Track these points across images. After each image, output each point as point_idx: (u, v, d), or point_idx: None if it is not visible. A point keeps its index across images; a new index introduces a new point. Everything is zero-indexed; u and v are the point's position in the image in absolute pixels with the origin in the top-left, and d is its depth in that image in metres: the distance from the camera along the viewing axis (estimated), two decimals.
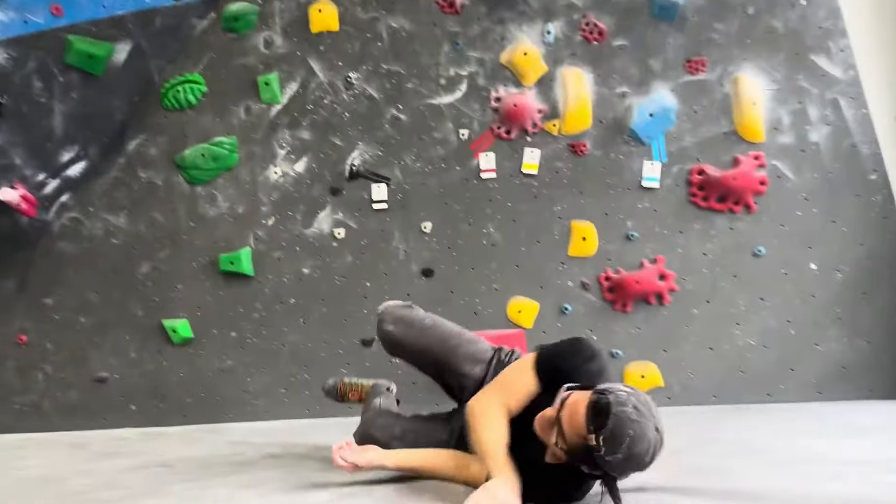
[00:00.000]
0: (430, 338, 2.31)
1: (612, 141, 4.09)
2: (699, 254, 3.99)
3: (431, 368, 2.33)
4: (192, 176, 4.31)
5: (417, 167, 4.20)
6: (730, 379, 3.92)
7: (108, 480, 2.43)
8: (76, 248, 4.32)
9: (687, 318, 3.97)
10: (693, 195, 4.00)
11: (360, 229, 4.21)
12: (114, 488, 2.27)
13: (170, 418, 4.21)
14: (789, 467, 2.09)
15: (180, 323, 4.25)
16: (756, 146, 3.98)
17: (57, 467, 2.81)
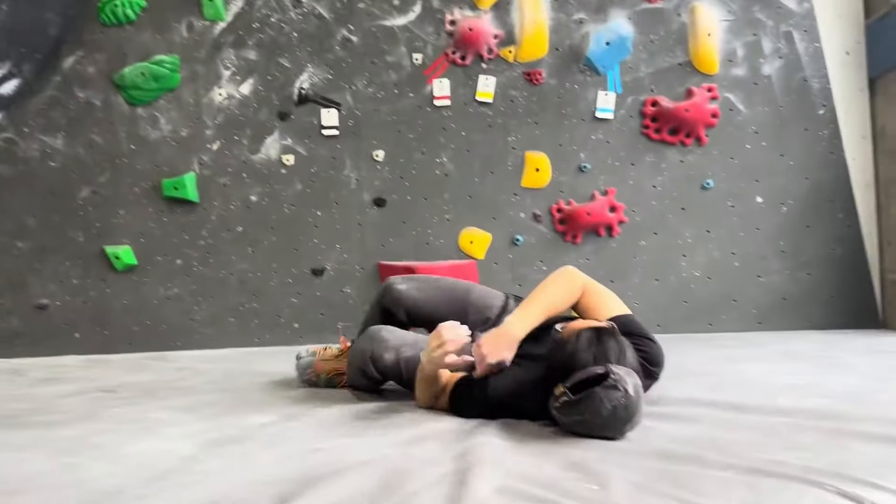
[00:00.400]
0: (442, 288, 2.28)
1: (568, 70, 4.03)
2: (649, 186, 4.01)
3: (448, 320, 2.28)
4: (132, 96, 4.13)
5: (369, 92, 4.09)
6: (674, 309, 4.00)
7: (45, 405, 2.38)
8: (11, 170, 4.14)
9: (635, 250, 4.02)
10: (646, 127, 3.99)
11: (310, 156, 4.11)
12: (50, 413, 2.23)
13: (115, 346, 4.14)
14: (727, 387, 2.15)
15: (123, 249, 4.14)
16: (709, 78, 3.96)
17: None
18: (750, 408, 1.78)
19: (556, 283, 1.95)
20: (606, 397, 1.52)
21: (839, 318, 3.91)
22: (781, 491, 1.18)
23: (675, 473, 1.28)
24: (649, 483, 1.24)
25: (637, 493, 1.20)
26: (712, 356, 3.01)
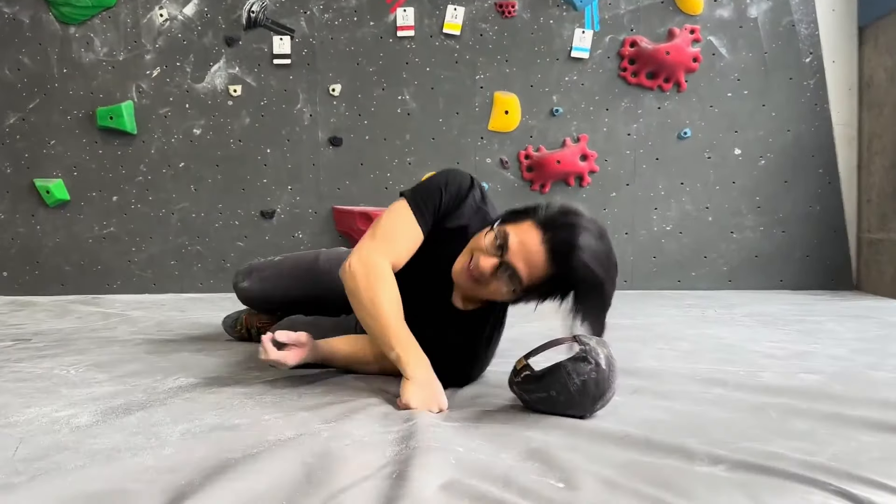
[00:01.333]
0: (285, 269, 2.06)
1: (543, 3, 3.73)
2: (624, 134, 3.78)
3: (309, 300, 2.03)
4: (63, 14, 3.73)
5: (326, 19, 3.75)
6: (643, 264, 3.82)
7: None
8: None
9: (605, 201, 3.81)
10: (623, 69, 3.73)
11: (260, 87, 3.78)
12: None
13: (46, 287, 3.84)
14: (698, 354, 1.97)
15: (54, 183, 3.81)
16: (693, 19, 3.71)
17: None
18: (733, 384, 1.59)
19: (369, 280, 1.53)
20: (575, 371, 1.31)
21: (812, 279, 3.77)
22: (782, 494, 0.98)
23: (654, 468, 1.08)
24: (624, 480, 1.03)
25: (609, 492, 0.99)
26: (684, 317, 2.84)
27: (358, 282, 1.50)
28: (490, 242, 1.43)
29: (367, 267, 1.51)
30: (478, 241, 1.47)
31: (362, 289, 1.49)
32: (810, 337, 2.30)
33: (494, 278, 1.43)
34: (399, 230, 1.55)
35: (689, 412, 1.38)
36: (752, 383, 1.59)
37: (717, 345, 2.16)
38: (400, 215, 1.57)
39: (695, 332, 2.41)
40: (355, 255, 1.53)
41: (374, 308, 1.48)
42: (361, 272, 1.51)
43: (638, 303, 3.31)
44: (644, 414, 1.37)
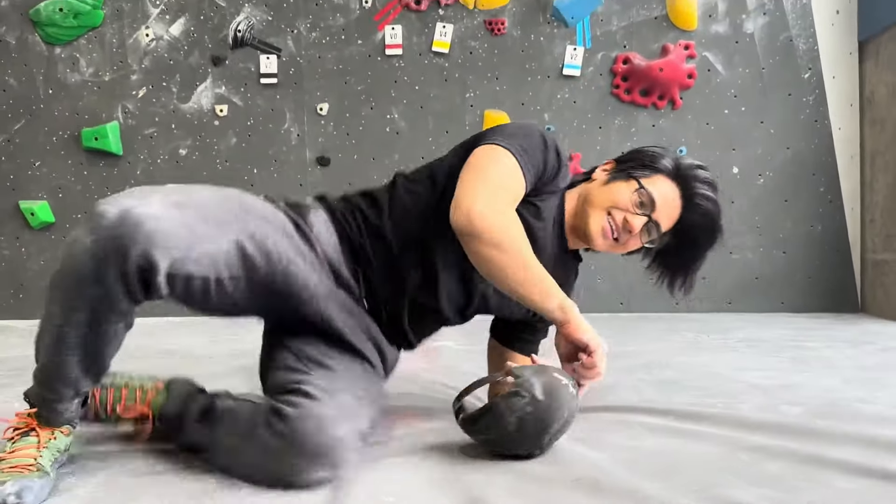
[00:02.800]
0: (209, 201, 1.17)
1: (533, 20, 3.66)
2: (617, 152, 3.64)
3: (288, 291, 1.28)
4: (49, 34, 3.70)
5: (313, 38, 3.70)
6: (639, 287, 3.70)
7: None
8: None
9: None
10: (616, 86, 3.64)
11: (246, 107, 3.72)
12: None
13: (30, 311, 3.77)
14: (678, 386, 1.85)
15: (39, 205, 3.75)
16: (687, 34, 3.62)
17: None
18: (708, 417, 1.47)
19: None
20: (508, 408, 1.18)
21: (815, 301, 3.64)
22: None
23: None
24: None
25: None
26: (675, 343, 2.72)
27: (498, 231, 1.21)
28: (634, 201, 1.38)
29: (502, 214, 1.24)
30: (614, 198, 1.39)
31: (507, 238, 1.22)
32: (803, 365, 2.17)
33: (635, 233, 1.39)
34: (510, 182, 1.29)
35: (655, 451, 1.27)
36: (729, 418, 1.47)
37: (703, 373, 2.04)
38: (507, 166, 1.29)
39: (682, 360, 2.30)
40: (477, 199, 1.22)
41: (524, 258, 1.23)
42: (498, 219, 1.22)
43: (632, 327, 3.19)
44: (604, 454, 1.26)
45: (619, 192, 1.39)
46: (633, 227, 1.37)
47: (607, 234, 1.38)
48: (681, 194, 1.40)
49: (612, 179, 1.42)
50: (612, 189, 1.40)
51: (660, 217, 1.39)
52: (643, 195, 1.38)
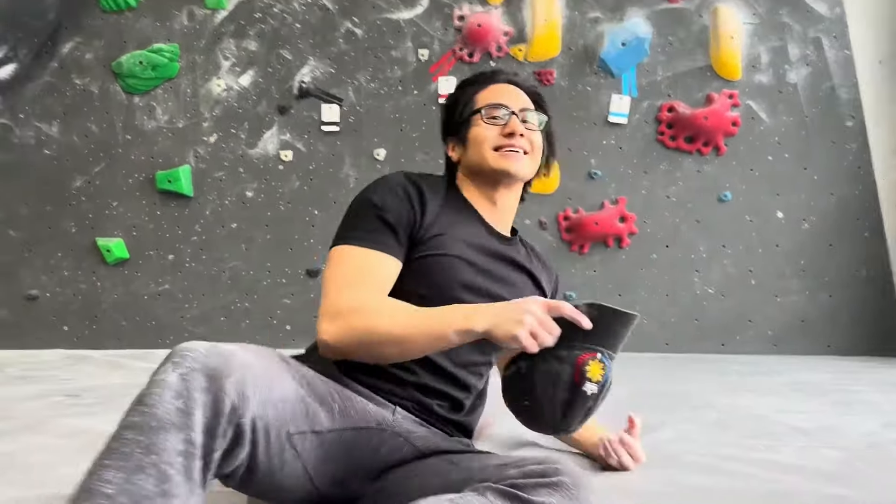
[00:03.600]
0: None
1: (581, 71, 3.83)
2: (663, 196, 3.80)
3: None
4: (129, 85, 4.00)
5: (372, 88, 3.92)
6: (684, 327, 3.79)
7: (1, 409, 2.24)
8: (5, 156, 4.04)
9: (645, 263, 3.81)
10: (661, 133, 3.78)
11: (309, 152, 3.95)
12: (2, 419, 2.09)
13: (102, 341, 4.02)
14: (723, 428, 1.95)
15: (115, 242, 4.02)
16: (731, 84, 3.74)
17: None
18: (745, 461, 1.58)
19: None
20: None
21: (861, 344, 3.67)
22: None
23: None
24: None
25: None
26: (719, 384, 2.80)
27: (349, 340, 1.13)
28: (491, 121, 1.34)
29: (345, 320, 1.13)
30: (481, 139, 1.33)
31: (361, 336, 1.12)
32: (846, 408, 2.25)
33: (529, 131, 1.34)
34: (358, 274, 1.20)
35: (696, 488, 1.39)
36: (769, 460, 1.58)
37: (746, 415, 2.14)
38: (349, 262, 1.22)
39: (727, 401, 2.39)
40: (321, 321, 1.15)
41: (389, 334, 1.11)
42: (342, 330, 1.13)
43: (677, 368, 3.28)
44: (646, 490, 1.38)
45: (477, 134, 1.35)
46: (513, 128, 1.32)
47: (510, 155, 1.31)
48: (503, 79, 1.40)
49: (462, 141, 1.37)
50: (472, 140, 1.35)
51: (513, 102, 1.36)
52: (489, 110, 1.34)
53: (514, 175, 1.33)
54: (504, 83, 1.41)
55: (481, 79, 1.42)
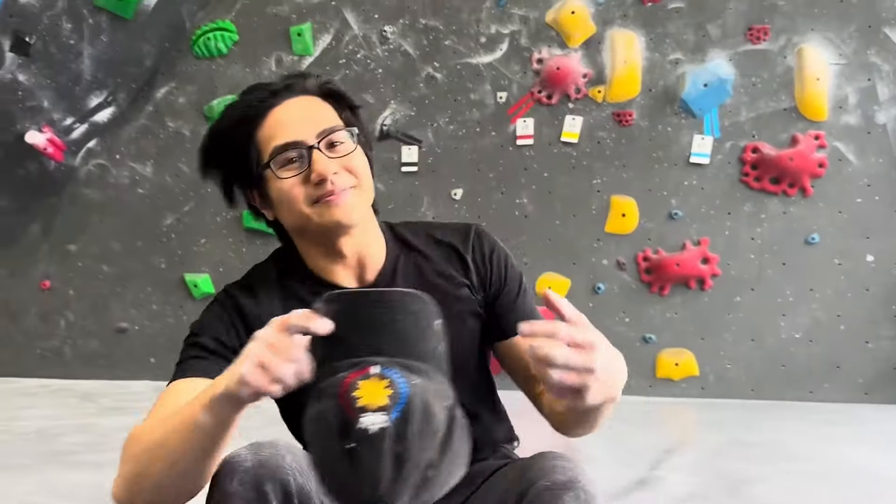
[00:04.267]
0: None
1: (661, 112, 3.82)
2: (747, 238, 3.72)
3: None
4: None
5: (451, 130, 4.00)
6: (771, 373, 3.68)
7: (102, 440, 2.35)
8: (102, 195, 4.25)
9: (729, 306, 3.73)
10: (745, 174, 3.72)
11: (389, 192, 4.04)
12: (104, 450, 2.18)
13: None
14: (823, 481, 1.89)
15: (202, 278, 4.17)
16: (817, 125, 3.66)
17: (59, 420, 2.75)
18: None
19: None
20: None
21: None
22: None
23: None
24: None
25: None
26: (810, 433, 2.71)
27: (121, 475, 0.98)
28: (288, 166, 1.06)
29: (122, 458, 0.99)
30: (283, 196, 1.06)
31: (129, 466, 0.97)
32: None
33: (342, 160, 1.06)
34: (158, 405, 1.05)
35: None
36: None
37: (841, 467, 2.06)
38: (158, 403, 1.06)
39: (820, 452, 2.31)
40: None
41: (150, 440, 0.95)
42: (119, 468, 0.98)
43: (765, 415, 3.19)
44: None
45: (279, 192, 1.06)
46: (320, 173, 1.03)
47: (333, 203, 1.04)
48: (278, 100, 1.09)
49: (264, 199, 1.11)
50: (277, 202, 1.08)
51: (306, 130, 1.05)
52: (279, 157, 1.05)
53: (348, 224, 1.06)
54: (282, 103, 1.08)
55: (251, 109, 1.09)
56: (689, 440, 1.50)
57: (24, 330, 4.30)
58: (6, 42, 3.79)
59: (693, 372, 3.74)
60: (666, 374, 3.75)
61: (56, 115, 4.08)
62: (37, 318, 4.30)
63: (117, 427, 2.60)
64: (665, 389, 3.74)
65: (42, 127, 4.05)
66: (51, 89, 4.02)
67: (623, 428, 2.81)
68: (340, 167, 1.05)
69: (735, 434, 2.72)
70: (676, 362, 3.74)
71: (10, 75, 3.85)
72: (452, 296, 1.11)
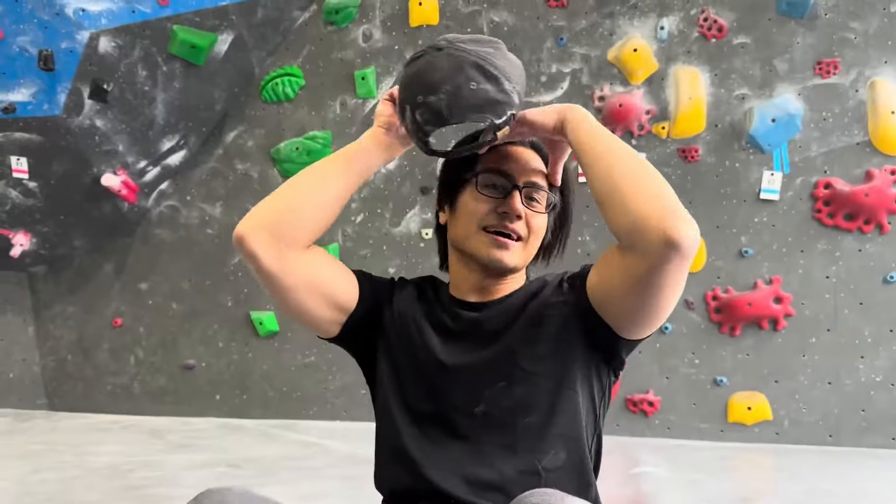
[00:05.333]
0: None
1: (728, 147, 3.75)
2: (822, 276, 3.59)
3: None
4: (285, 169, 4.27)
5: None
6: (850, 418, 3.50)
7: (171, 476, 2.38)
8: (172, 235, 4.38)
9: (804, 347, 3.58)
10: (818, 211, 3.60)
11: None
12: (173, 485, 2.21)
13: (251, 410, 4.19)
14: None
15: (267, 315, 4.23)
16: (892, 160, 3.54)
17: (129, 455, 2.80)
18: None
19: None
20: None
21: None
22: None
23: None
24: None
25: None
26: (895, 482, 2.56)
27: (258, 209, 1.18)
28: (487, 190, 1.16)
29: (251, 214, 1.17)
30: (471, 212, 1.17)
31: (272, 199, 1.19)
32: None
33: (531, 212, 1.17)
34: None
35: None
36: None
37: None
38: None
39: None
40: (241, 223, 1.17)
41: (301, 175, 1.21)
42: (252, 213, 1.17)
43: (846, 463, 3.03)
44: None
45: (466, 203, 1.17)
46: (511, 208, 1.13)
47: (500, 243, 1.15)
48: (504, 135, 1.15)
49: (451, 205, 1.21)
50: (460, 209, 1.19)
51: (520, 172, 1.16)
52: (486, 177, 1.15)
53: (500, 266, 1.16)
54: (518, 145, 1.18)
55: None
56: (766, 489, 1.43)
57: (95, 366, 4.43)
58: (85, 89, 3.97)
59: (767, 416, 3.59)
60: (738, 419, 3.62)
61: (130, 158, 4.24)
62: (108, 354, 4.42)
63: (186, 464, 2.63)
64: (737, 434, 3.60)
65: (117, 170, 4.21)
66: (126, 134, 4.19)
67: (696, 476, 2.71)
68: (525, 217, 1.15)
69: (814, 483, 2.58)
70: (749, 406, 3.60)
71: (88, 121, 4.03)
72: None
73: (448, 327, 1.20)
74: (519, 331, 1.17)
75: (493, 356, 1.16)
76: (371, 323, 1.23)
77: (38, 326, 4.49)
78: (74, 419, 4.09)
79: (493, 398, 1.14)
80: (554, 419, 1.13)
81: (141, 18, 3.93)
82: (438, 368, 1.18)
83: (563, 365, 1.15)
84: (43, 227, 4.27)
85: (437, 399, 1.17)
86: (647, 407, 3.70)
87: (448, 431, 1.16)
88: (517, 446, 1.13)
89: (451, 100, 1.07)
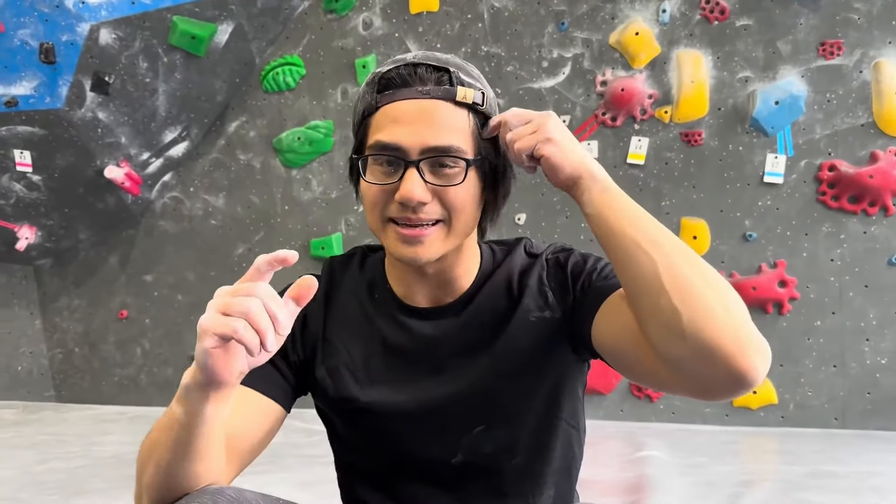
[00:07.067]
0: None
1: (731, 131, 3.72)
2: (826, 259, 3.58)
3: None
4: (287, 159, 4.28)
5: None
6: (855, 401, 3.50)
7: None
8: (176, 227, 4.40)
9: (809, 331, 3.57)
10: (822, 193, 3.58)
11: None
12: None
13: None
14: None
15: None
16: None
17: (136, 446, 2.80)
18: None
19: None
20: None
21: None
22: None
23: None
24: None
25: None
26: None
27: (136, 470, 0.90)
28: (381, 171, 0.92)
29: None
30: (365, 193, 0.95)
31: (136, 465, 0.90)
32: None
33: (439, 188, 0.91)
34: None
35: None
36: None
37: None
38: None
39: None
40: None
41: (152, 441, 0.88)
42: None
43: (852, 446, 3.02)
44: None
45: (364, 192, 0.95)
46: (405, 195, 0.88)
47: (408, 237, 0.92)
48: (405, 93, 0.91)
49: (359, 194, 0.99)
50: (362, 198, 0.97)
51: (414, 139, 0.88)
52: (376, 156, 0.91)
53: (417, 263, 0.93)
54: (407, 98, 0.90)
55: (381, 83, 0.94)
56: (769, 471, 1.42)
57: (102, 358, 4.45)
58: (87, 82, 3.97)
59: (772, 400, 3.58)
60: (743, 403, 3.61)
61: (133, 150, 4.25)
62: (114, 346, 4.45)
63: None
64: (742, 418, 3.60)
65: (120, 162, 4.22)
66: (128, 126, 4.19)
67: (700, 459, 2.71)
68: (434, 195, 0.90)
69: (818, 465, 2.58)
70: (754, 390, 3.58)
71: (90, 114, 4.03)
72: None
73: (394, 346, 0.98)
74: (493, 358, 0.96)
75: (464, 397, 0.95)
76: (304, 371, 1.03)
77: (45, 319, 4.52)
78: (82, 410, 4.12)
79: (472, 446, 0.97)
80: (546, 455, 0.99)
81: (141, 10, 3.92)
82: (397, 416, 0.97)
83: (550, 392, 0.98)
84: (48, 220, 4.29)
85: (403, 454, 0.98)
86: (653, 392, 3.70)
87: (427, 482, 0.99)
88: (507, 491, 0.99)
89: None
